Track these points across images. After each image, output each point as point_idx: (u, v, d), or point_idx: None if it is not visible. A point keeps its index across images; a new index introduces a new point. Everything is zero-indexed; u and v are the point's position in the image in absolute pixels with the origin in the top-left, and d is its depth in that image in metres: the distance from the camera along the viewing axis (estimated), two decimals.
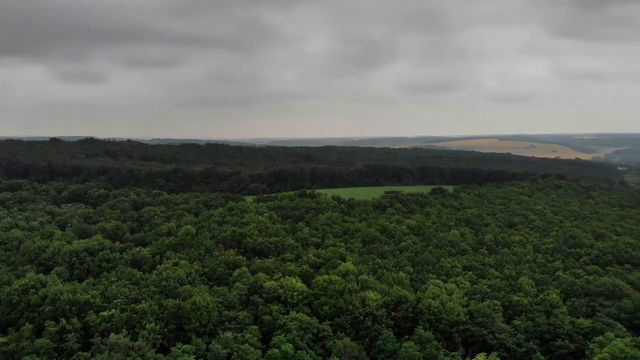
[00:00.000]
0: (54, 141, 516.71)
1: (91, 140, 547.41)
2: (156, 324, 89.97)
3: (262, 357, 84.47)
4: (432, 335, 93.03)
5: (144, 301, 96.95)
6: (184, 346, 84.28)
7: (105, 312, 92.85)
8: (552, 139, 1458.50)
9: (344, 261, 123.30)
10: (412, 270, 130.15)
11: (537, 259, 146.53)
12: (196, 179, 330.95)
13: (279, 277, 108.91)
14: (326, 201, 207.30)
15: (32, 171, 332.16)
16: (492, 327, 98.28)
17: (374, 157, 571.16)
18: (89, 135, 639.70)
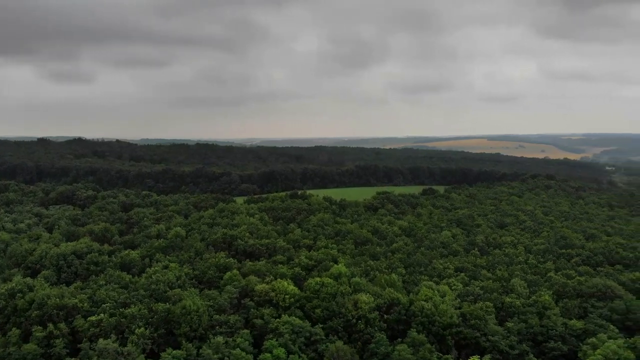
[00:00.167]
0: (42, 141, 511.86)
1: (79, 140, 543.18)
2: (146, 328, 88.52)
3: None
4: (425, 338, 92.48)
5: (133, 305, 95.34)
6: (174, 351, 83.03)
7: (93, 317, 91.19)
8: (541, 139, 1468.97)
9: (336, 263, 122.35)
10: (404, 272, 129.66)
11: (528, 260, 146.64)
12: (186, 179, 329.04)
13: (270, 280, 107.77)
14: (318, 202, 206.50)
15: (19, 172, 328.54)
16: (485, 330, 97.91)
17: (365, 157, 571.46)
18: (77, 135, 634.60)
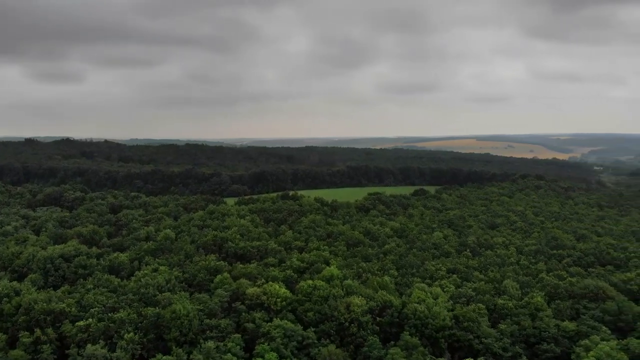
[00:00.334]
0: (29, 142, 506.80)
1: (68, 140, 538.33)
2: (135, 333, 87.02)
3: None
4: (418, 341, 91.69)
5: (122, 310, 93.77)
6: (164, 357, 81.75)
7: (81, 322, 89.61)
8: (530, 139, 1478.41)
9: (328, 265, 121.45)
10: (396, 273, 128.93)
11: (520, 261, 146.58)
12: (175, 180, 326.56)
13: (262, 283, 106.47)
14: (309, 203, 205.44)
15: (6, 173, 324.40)
16: (478, 332, 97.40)
17: (355, 157, 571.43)
18: (65, 135, 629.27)
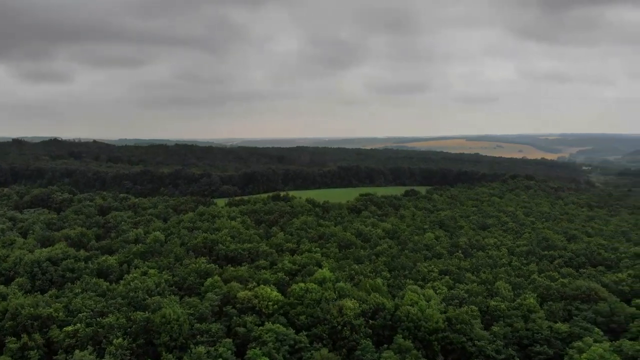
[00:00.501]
0: (17, 142, 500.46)
1: (56, 141, 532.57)
2: (124, 339, 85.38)
3: None
4: (411, 344, 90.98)
5: (110, 314, 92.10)
6: None
7: (69, 327, 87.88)
8: (519, 139, 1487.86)
9: (320, 267, 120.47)
10: (389, 275, 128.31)
11: (512, 262, 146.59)
12: (165, 181, 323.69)
13: (253, 287, 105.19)
14: (300, 204, 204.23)
15: None
16: (471, 334, 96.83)
17: (346, 157, 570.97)
18: (53, 135, 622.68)
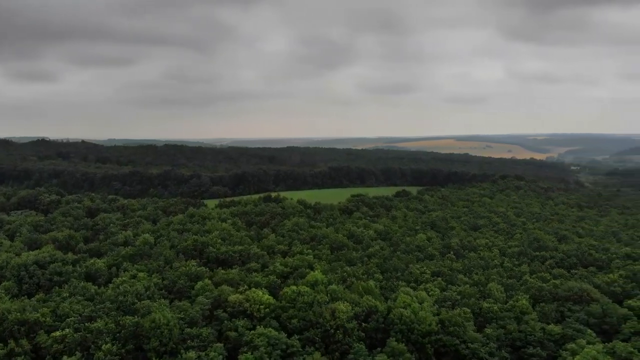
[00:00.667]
0: (4, 142, 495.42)
1: (43, 141, 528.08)
2: (113, 344, 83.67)
3: None
4: (404, 347, 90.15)
5: (99, 319, 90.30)
6: None
7: (57, 332, 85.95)
8: (508, 139, 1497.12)
9: (312, 270, 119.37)
10: (381, 277, 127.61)
11: (504, 263, 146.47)
12: (154, 182, 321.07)
13: (244, 290, 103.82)
14: (292, 206, 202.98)
15: None
16: (464, 337, 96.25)
17: (337, 158, 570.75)
18: (41, 135, 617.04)
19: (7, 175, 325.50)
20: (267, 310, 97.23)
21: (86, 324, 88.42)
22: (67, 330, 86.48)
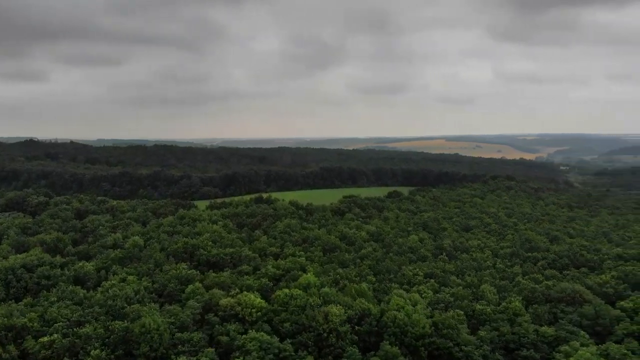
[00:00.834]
0: None
1: (32, 141, 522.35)
2: (102, 350, 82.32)
3: None
4: (397, 350, 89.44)
5: (88, 324, 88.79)
6: None
7: (45, 338, 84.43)
8: (497, 139, 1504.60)
9: (305, 272, 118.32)
10: (374, 279, 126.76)
11: (496, 265, 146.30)
12: (144, 182, 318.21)
13: (235, 293, 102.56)
14: (284, 207, 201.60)
15: None
16: (458, 339, 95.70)
17: (328, 158, 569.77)
18: (29, 136, 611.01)
19: None
20: (259, 313, 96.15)
21: (75, 329, 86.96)
22: (55, 335, 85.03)
